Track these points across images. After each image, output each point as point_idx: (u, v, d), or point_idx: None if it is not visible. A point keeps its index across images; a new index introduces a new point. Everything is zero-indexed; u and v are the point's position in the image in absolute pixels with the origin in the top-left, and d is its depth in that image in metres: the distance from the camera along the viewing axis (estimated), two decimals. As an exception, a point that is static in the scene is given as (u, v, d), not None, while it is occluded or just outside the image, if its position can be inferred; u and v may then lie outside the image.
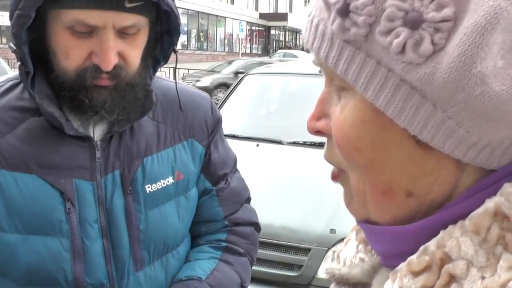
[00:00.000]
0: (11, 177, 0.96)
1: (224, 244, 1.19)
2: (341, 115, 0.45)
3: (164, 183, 1.08)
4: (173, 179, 1.09)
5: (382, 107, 0.41)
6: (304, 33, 0.47)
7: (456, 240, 0.40)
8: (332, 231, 2.65)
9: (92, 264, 1.00)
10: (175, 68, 1.17)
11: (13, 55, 0.97)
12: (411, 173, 0.43)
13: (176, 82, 1.16)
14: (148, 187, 1.06)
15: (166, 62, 1.10)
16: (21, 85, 1.02)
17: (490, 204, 0.40)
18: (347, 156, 0.46)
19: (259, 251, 2.94)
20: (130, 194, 1.04)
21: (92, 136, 1.02)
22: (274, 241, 2.71)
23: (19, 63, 0.95)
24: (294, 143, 3.57)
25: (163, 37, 1.07)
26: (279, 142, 3.62)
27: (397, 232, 0.46)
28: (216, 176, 1.19)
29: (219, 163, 1.19)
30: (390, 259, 0.47)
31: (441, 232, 0.41)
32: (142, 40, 0.99)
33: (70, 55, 0.94)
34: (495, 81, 0.37)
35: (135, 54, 0.98)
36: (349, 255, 0.56)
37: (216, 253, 1.18)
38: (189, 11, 34.35)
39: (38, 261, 0.97)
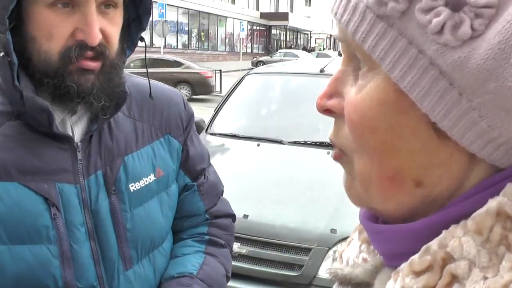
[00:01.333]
0: None
1: (207, 237, 1.22)
2: (358, 94, 0.44)
3: (146, 181, 1.08)
4: (154, 176, 1.10)
5: (407, 89, 0.40)
6: (334, 5, 0.46)
7: (458, 240, 0.40)
8: (333, 230, 2.65)
9: (81, 268, 0.99)
10: (145, 62, 1.19)
11: None
12: (421, 162, 0.43)
13: (148, 78, 1.16)
14: (132, 185, 1.06)
15: (132, 50, 1.10)
16: None
17: (492, 204, 0.40)
18: (359, 137, 0.45)
19: (259, 250, 2.94)
20: (114, 194, 1.03)
21: (73, 137, 1.01)
22: (275, 240, 2.71)
23: (1, 54, 0.91)
24: (295, 143, 3.57)
25: (130, 25, 1.08)
26: (280, 142, 3.62)
27: (399, 231, 0.45)
28: (195, 171, 1.21)
29: (197, 158, 1.21)
30: (393, 258, 0.47)
31: (443, 231, 0.41)
32: (119, 19, 1.00)
33: (54, 34, 0.92)
34: None
35: (115, 32, 0.98)
36: (352, 255, 0.56)
37: (200, 246, 1.20)
38: (190, 10, 34.34)
39: (26, 270, 0.95)
